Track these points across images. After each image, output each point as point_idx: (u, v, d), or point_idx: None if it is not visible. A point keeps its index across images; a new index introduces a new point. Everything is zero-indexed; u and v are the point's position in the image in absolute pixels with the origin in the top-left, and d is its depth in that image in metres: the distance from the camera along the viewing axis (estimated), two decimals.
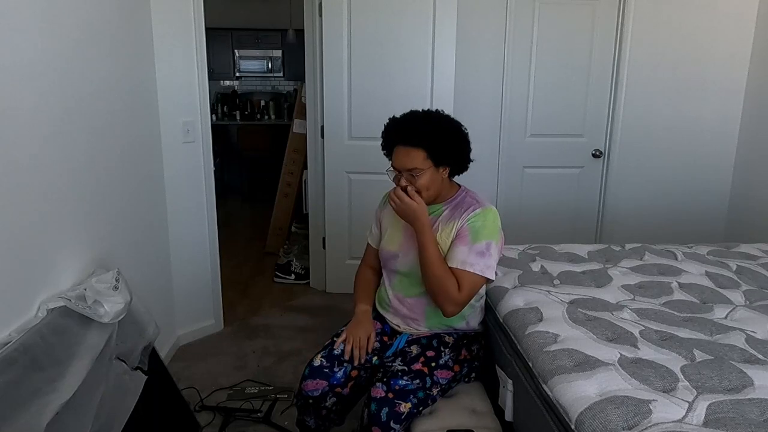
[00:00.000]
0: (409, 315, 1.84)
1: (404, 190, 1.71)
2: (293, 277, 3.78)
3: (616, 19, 3.40)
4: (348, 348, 1.78)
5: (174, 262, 2.79)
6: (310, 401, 1.76)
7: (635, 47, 3.41)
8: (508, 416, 1.70)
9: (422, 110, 1.79)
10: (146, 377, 1.79)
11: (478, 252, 1.69)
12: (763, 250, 2.45)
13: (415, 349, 1.77)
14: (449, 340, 1.81)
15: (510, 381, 1.69)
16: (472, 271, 1.68)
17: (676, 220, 3.69)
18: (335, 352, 1.79)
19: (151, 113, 2.54)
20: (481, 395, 1.82)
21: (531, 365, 1.57)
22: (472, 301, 1.80)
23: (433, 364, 1.72)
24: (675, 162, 3.62)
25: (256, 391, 2.47)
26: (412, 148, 1.70)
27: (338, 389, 1.77)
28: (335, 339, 1.84)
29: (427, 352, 1.75)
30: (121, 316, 1.66)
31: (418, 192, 1.72)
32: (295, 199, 4.37)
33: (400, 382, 1.64)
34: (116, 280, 1.71)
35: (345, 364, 1.78)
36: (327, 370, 1.76)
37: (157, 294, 2.59)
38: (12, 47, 1.43)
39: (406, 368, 1.69)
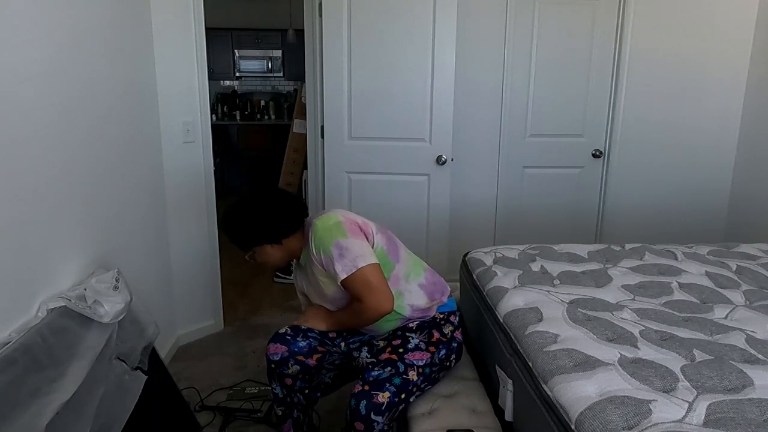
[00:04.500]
0: (366, 331, 1.91)
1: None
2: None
3: (616, 19, 3.40)
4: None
5: (174, 262, 2.79)
6: (273, 366, 1.85)
7: (635, 47, 3.41)
8: (508, 416, 1.70)
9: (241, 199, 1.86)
10: (146, 377, 1.79)
11: (337, 257, 1.70)
12: (763, 250, 2.44)
13: (382, 343, 1.82)
14: (413, 325, 1.83)
15: (510, 381, 1.69)
16: (347, 275, 1.69)
17: (676, 220, 3.69)
18: (302, 327, 1.88)
19: (151, 113, 2.54)
20: (481, 395, 1.82)
21: (531, 365, 1.57)
22: (393, 288, 1.76)
23: (401, 350, 1.74)
24: (675, 162, 3.62)
25: (256, 391, 2.47)
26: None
27: (300, 357, 1.82)
28: None
29: (393, 342, 1.78)
30: (121, 316, 1.66)
31: (263, 264, 1.90)
32: None
33: (373, 373, 1.66)
34: (116, 280, 1.71)
35: (310, 339, 1.85)
36: (289, 338, 1.84)
37: (157, 294, 2.59)
38: (11, 48, 1.43)
39: (375, 360, 1.73)
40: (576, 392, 1.36)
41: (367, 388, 1.62)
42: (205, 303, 3.01)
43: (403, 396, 1.65)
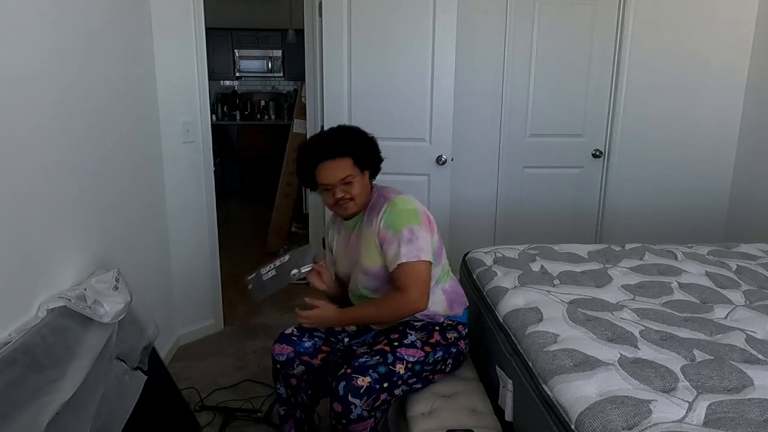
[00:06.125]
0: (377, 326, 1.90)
1: (342, 200, 1.78)
2: None
3: (616, 19, 3.40)
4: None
5: (174, 262, 2.79)
6: (278, 366, 1.85)
7: (635, 47, 3.40)
8: (508, 416, 1.70)
9: (328, 128, 1.89)
10: (146, 377, 1.79)
11: (405, 241, 1.71)
12: (763, 250, 2.45)
13: (381, 337, 1.83)
14: (417, 324, 1.83)
15: (510, 381, 1.69)
16: (406, 260, 1.69)
17: (676, 220, 3.69)
18: (308, 327, 1.87)
19: (151, 113, 2.54)
20: (481, 395, 1.82)
21: (531, 365, 1.57)
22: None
23: (396, 344, 1.74)
24: (675, 162, 3.62)
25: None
26: (339, 159, 1.77)
27: (305, 357, 1.83)
28: None
29: (391, 335, 1.79)
30: (121, 316, 1.66)
31: (353, 199, 1.78)
32: (295, 199, 4.37)
33: (360, 359, 1.67)
34: (116, 280, 1.71)
35: (315, 338, 1.85)
36: (295, 338, 1.85)
37: (157, 294, 2.59)
38: (11, 48, 1.43)
39: (368, 349, 1.76)
40: (576, 392, 1.36)
41: (350, 371, 1.63)
42: (205, 303, 3.01)
43: (385, 385, 1.63)
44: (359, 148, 1.79)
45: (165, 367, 2.12)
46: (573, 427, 1.29)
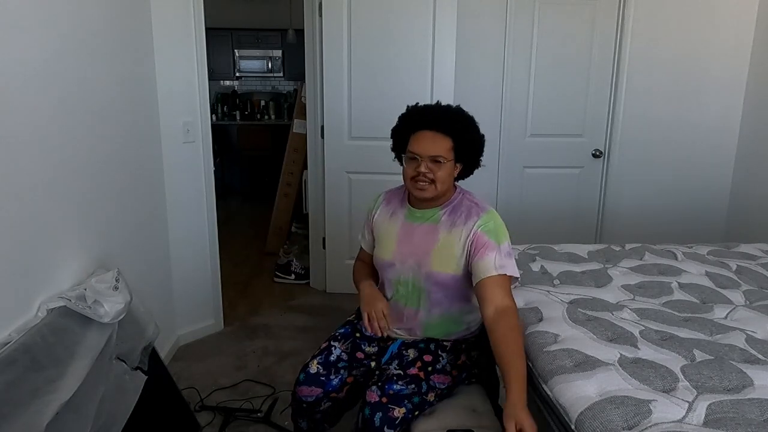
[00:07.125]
0: (405, 324, 1.79)
1: (421, 175, 1.64)
2: (293, 277, 3.78)
3: (616, 19, 3.40)
4: (374, 324, 1.67)
5: (174, 262, 2.79)
6: (304, 405, 1.75)
7: (635, 47, 3.41)
8: None
9: (447, 104, 1.76)
10: (146, 377, 1.79)
11: (506, 253, 1.63)
12: (763, 250, 2.45)
13: (411, 353, 1.74)
14: (447, 344, 1.77)
15: None
16: (505, 273, 1.60)
17: (676, 220, 3.69)
18: (331, 358, 1.78)
19: (151, 113, 2.54)
20: (481, 395, 1.82)
21: (531, 365, 1.57)
22: (475, 304, 1.73)
23: (430, 369, 1.70)
24: (675, 162, 3.62)
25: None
26: (440, 135, 1.65)
27: (333, 394, 1.75)
28: (332, 343, 1.81)
29: (424, 357, 1.72)
30: (121, 316, 1.66)
31: (433, 182, 1.64)
32: (295, 199, 4.37)
33: (395, 386, 1.61)
34: (116, 280, 1.71)
35: (341, 372, 1.76)
36: (323, 378, 1.74)
37: (157, 294, 2.59)
38: (11, 48, 1.43)
39: (401, 372, 1.67)
40: (576, 392, 1.36)
41: (385, 400, 1.58)
42: (205, 303, 3.01)
43: (416, 413, 1.63)
44: (465, 136, 1.67)
45: (165, 367, 2.12)
46: (573, 427, 1.29)
